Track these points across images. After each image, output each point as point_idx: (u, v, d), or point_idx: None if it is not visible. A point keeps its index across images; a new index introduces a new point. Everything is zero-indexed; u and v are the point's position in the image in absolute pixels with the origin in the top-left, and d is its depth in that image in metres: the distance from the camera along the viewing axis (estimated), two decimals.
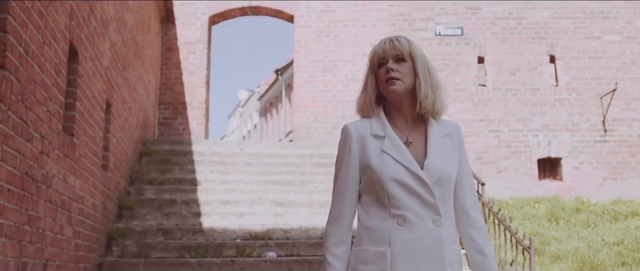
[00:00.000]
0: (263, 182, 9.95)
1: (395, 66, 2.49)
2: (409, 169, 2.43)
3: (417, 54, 2.52)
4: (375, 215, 2.45)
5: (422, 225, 2.41)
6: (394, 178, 2.42)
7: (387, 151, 2.45)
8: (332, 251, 2.49)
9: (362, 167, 2.49)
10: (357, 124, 2.55)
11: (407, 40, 2.54)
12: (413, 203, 2.41)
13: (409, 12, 13.45)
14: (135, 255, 7.55)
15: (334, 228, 2.52)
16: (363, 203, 2.51)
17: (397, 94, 2.49)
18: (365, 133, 2.50)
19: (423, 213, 2.42)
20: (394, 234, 2.41)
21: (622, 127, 13.08)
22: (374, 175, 2.44)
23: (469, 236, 2.55)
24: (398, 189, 2.42)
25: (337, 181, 2.55)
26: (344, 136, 2.55)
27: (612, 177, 12.88)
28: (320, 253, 7.74)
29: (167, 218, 8.58)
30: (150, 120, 12.00)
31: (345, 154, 2.53)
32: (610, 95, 13.01)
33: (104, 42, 7.34)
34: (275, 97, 35.76)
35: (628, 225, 9.55)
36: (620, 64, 13.27)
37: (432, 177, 2.43)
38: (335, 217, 2.53)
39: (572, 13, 13.40)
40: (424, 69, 2.51)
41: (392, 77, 2.48)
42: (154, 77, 12.47)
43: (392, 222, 2.42)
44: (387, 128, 2.50)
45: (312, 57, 13.37)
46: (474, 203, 2.58)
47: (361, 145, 2.49)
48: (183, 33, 13.37)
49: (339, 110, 13.16)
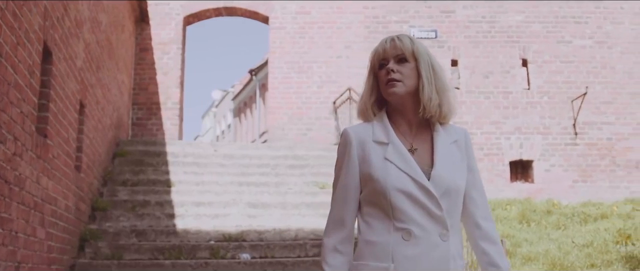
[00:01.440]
0: (237, 183, 9.94)
1: (396, 67, 2.31)
2: (414, 179, 2.24)
3: (420, 53, 2.33)
4: (378, 228, 2.26)
5: (428, 240, 2.22)
6: (399, 189, 2.22)
7: (391, 159, 2.26)
8: (329, 262, 2.30)
9: (363, 176, 2.30)
10: (358, 128, 2.36)
11: (410, 39, 2.36)
12: (419, 216, 2.22)
13: (383, 14, 13.52)
14: (108, 256, 7.50)
15: (332, 238, 2.33)
16: (364, 214, 2.31)
17: (398, 97, 2.31)
18: (367, 139, 2.31)
19: (429, 227, 2.23)
20: (398, 249, 2.22)
21: (592, 130, 13.28)
22: (377, 185, 2.25)
23: (481, 249, 2.35)
24: (403, 201, 2.23)
25: (336, 190, 2.37)
26: (343, 141, 2.36)
27: (582, 180, 13.07)
28: (295, 255, 7.77)
29: (140, 220, 8.54)
30: (123, 121, 11.93)
31: (344, 161, 2.34)
32: (580, 99, 13.21)
33: (78, 42, 7.29)
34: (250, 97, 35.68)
35: (597, 227, 9.70)
36: (591, 68, 13.48)
37: (440, 188, 2.25)
38: (334, 227, 2.34)
39: (544, 17, 13.58)
40: (428, 70, 2.32)
41: (392, 78, 2.30)
42: (128, 77, 12.39)
43: (396, 236, 2.22)
44: (390, 134, 2.31)
45: (287, 59, 13.39)
46: (485, 214, 2.39)
47: (362, 152, 2.31)
48: (157, 33, 13.31)
49: (313, 112, 13.19)
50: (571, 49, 13.53)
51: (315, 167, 10.77)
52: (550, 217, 10.41)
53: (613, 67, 13.53)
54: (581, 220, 10.28)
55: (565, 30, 13.59)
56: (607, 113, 13.35)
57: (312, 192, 9.81)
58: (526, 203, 11.45)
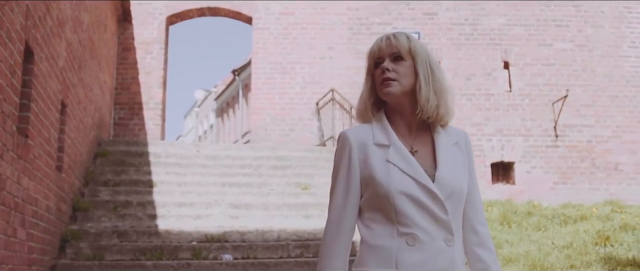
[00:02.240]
0: (220, 183, 9.92)
1: (392, 65, 2.22)
2: (419, 182, 2.15)
3: (417, 52, 2.23)
4: (380, 232, 2.17)
5: (434, 245, 2.14)
6: (403, 192, 2.14)
7: (393, 161, 2.17)
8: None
9: (364, 180, 2.20)
10: (357, 131, 2.27)
11: (407, 37, 2.26)
12: (423, 221, 2.14)
13: (366, 16, 13.57)
14: (90, 257, 7.47)
15: (332, 248, 2.22)
16: (365, 219, 2.22)
17: (393, 97, 2.22)
18: (367, 141, 2.22)
19: (434, 232, 2.15)
20: (402, 255, 2.13)
21: (572, 132, 13.41)
22: (380, 189, 2.15)
23: (477, 256, 2.28)
24: (407, 204, 2.14)
25: (335, 195, 2.25)
26: (342, 144, 2.25)
27: (563, 181, 13.19)
28: (277, 256, 7.78)
29: (122, 220, 8.50)
30: (105, 121, 11.87)
31: (344, 165, 2.23)
32: (561, 102, 13.33)
33: (60, 42, 7.25)
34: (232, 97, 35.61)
35: (577, 228, 9.79)
36: (572, 71, 13.61)
37: (445, 191, 2.17)
38: (334, 235, 2.22)
39: (526, 21, 13.69)
40: (425, 69, 2.22)
41: (387, 77, 2.21)
42: (110, 76, 12.33)
43: (400, 241, 2.13)
44: (391, 135, 2.22)
45: (270, 59, 13.39)
46: (482, 219, 2.32)
47: (363, 155, 2.21)
48: (140, 33, 13.25)
49: (296, 113, 13.20)
50: (552, 52, 13.65)
51: (298, 168, 10.78)
52: (531, 218, 10.49)
53: (593, 70, 13.67)
54: (561, 222, 10.37)
55: (546, 33, 13.71)
56: (587, 115, 13.49)
57: (294, 192, 9.81)
58: (507, 205, 11.52)
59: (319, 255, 2.25)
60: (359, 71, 13.31)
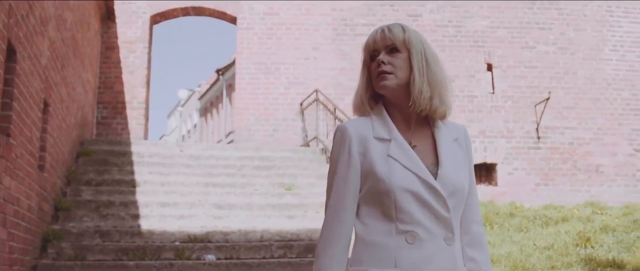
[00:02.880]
0: (203, 184, 9.91)
1: (387, 58, 2.15)
2: (421, 178, 2.07)
3: (412, 43, 2.16)
4: (379, 230, 2.08)
5: (434, 244, 2.06)
6: (405, 188, 2.05)
7: (395, 156, 2.09)
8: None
9: (363, 174, 2.11)
10: (357, 123, 2.17)
11: (403, 28, 2.18)
12: (424, 218, 2.06)
13: (351, 17, 13.59)
14: (72, 257, 7.43)
15: (331, 247, 2.11)
16: (362, 215, 2.13)
17: (389, 90, 2.14)
18: (367, 135, 2.13)
19: (435, 230, 2.07)
20: (401, 253, 2.04)
21: (554, 134, 13.51)
22: (381, 185, 2.06)
23: (468, 256, 2.20)
24: (409, 201, 2.06)
25: (334, 190, 2.14)
26: (342, 137, 2.15)
27: (544, 183, 13.29)
28: (260, 256, 7.78)
29: (104, 220, 8.46)
30: (88, 120, 11.80)
31: (343, 159, 2.13)
32: (543, 104, 13.43)
33: (43, 40, 7.21)
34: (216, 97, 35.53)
35: (558, 229, 9.87)
36: (554, 73, 13.72)
37: (447, 188, 2.09)
38: (332, 234, 2.12)
39: (509, 23, 13.79)
40: (420, 60, 2.14)
41: (382, 70, 2.13)
42: (93, 75, 12.27)
43: (399, 239, 2.05)
44: (392, 129, 2.13)
45: (255, 59, 13.38)
46: (478, 218, 2.26)
47: (363, 149, 2.12)
48: (123, 32, 13.19)
49: (281, 113, 13.21)
50: (535, 54, 13.76)
51: (281, 169, 10.78)
52: (513, 220, 10.56)
53: (575, 73, 13.79)
54: (543, 223, 10.45)
55: (529, 36, 13.81)
56: (569, 118, 13.60)
57: (278, 193, 9.82)
58: (490, 206, 11.60)
59: (315, 254, 2.15)
60: (343, 72, 13.34)
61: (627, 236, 9.10)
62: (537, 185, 13.26)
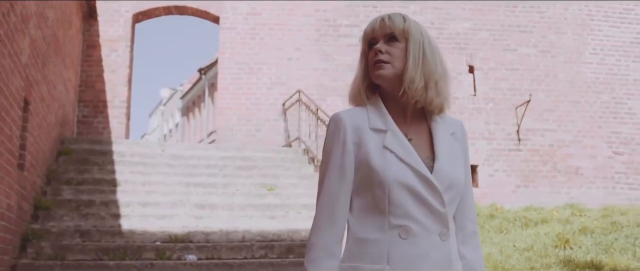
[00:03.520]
0: (184, 183, 9.88)
1: (385, 47, 2.09)
2: (417, 171, 2.01)
3: (412, 33, 2.10)
4: (371, 224, 2.02)
5: (428, 239, 2.00)
6: (400, 181, 1.99)
7: (390, 148, 2.02)
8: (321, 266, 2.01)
9: (357, 165, 2.04)
10: (352, 113, 2.10)
11: (404, 17, 2.13)
12: (419, 213, 2.00)
13: (334, 17, 13.62)
14: (51, 257, 7.37)
15: (323, 237, 2.03)
16: (354, 208, 2.07)
17: (385, 80, 2.08)
18: (363, 125, 2.06)
19: (429, 225, 2.00)
20: (394, 249, 1.98)
21: (535, 136, 13.62)
22: (375, 176, 2.00)
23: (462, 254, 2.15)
24: (403, 194, 1.99)
25: (326, 181, 2.07)
26: (336, 126, 2.08)
27: (525, 185, 13.40)
28: (241, 257, 7.77)
29: (85, 220, 8.41)
30: (69, 118, 11.73)
31: (338, 149, 2.06)
32: (524, 106, 13.53)
33: (23, 38, 7.16)
34: (198, 96, 35.44)
35: (538, 231, 9.95)
36: (535, 76, 13.83)
37: (443, 182, 2.03)
38: (325, 224, 2.04)
39: (491, 25, 13.88)
40: (417, 50, 2.08)
41: (379, 59, 2.07)
42: (74, 74, 12.19)
43: (392, 234, 1.99)
44: (388, 120, 2.07)
45: (237, 59, 13.37)
46: (472, 216, 2.21)
47: (358, 139, 2.05)
48: (105, 30, 13.12)
49: (263, 113, 13.20)
50: (516, 57, 13.86)
51: (263, 169, 10.78)
52: (493, 221, 10.63)
53: (556, 76, 13.91)
54: (522, 224, 10.53)
55: (511, 39, 13.92)
56: (549, 120, 13.72)
57: (259, 193, 9.81)
58: None
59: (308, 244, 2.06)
60: (325, 73, 13.36)
61: (605, 238, 9.19)
62: (517, 186, 13.36)
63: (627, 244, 8.82)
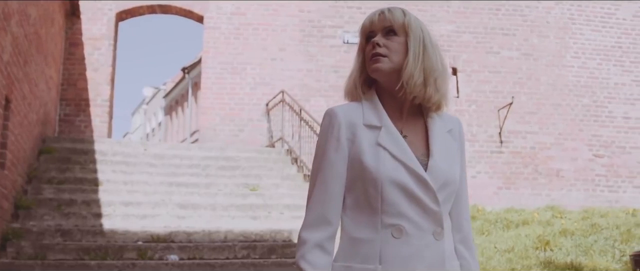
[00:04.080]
0: (167, 183, 9.85)
1: (383, 40, 2.04)
2: (410, 169, 1.96)
3: (411, 27, 2.06)
4: (364, 223, 1.98)
5: (421, 238, 1.96)
6: (392, 179, 1.95)
7: (384, 145, 1.98)
8: (311, 260, 1.95)
9: (350, 163, 2.00)
10: (347, 109, 2.06)
11: (403, 11, 2.08)
12: (412, 211, 1.95)
13: (318, 18, 13.63)
14: (32, 256, 7.32)
15: (314, 233, 1.98)
16: (347, 206, 2.02)
17: (382, 74, 2.03)
18: (357, 121, 2.02)
19: (423, 224, 1.96)
20: (386, 248, 1.94)
21: (516, 138, 13.72)
22: (367, 174, 1.96)
23: (459, 253, 2.11)
24: (396, 193, 1.95)
25: (319, 176, 2.02)
26: (330, 122, 2.04)
27: (506, 187, 13.49)
28: (223, 257, 7.76)
29: (66, 219, 8.37)
30: (50, 117, 11.65)
31: (331, 144, 2.02)
32: (506, 108, 13.62)
33: (5, 36, 7.10)
34: (181, 95, 35.30)
35: (518, 233, 10.02)
36: (517, 78, 13.93)
37: (437, 181, 1.99)
38: (316, 220, 2.00)
39: (474, 28, 13.96)
40: (417, 45, 2.04)
41: (376, 52, 2.03)
42: (56, 72, 12.11)
43: (385, 233, 1.95)
44: (382, 116, 2.03)
45: (221, 59, 13.34)
46: (468, 215, 2.17)
47: (352, 135, 2.01)
48: (88, 28, 13.03)
49: (246, 113, 13.18)
50: (499, 60, 13.95)
51: (246, 169, 10.77)
52: (475, 223, 10.70)
53: (538, 79, 14.02)
54: (504, 226, 10.60)
55: (493, 41, 14.00)
56: (531, 123, 13.82)
57: (242, 193, 9.80)
58: None
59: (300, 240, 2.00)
60: (309, 73, 13.37)
61: (585, 240, 9.28)
62: (499, 188, 13.44)
63: (607, 246, 8.91)
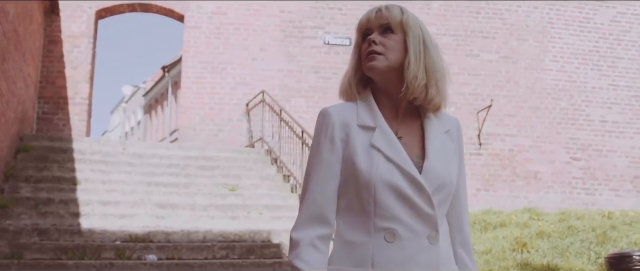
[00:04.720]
0: (145, 183, 9.80)
1: (379, 38, 1.98)
2: (404, 171, 1.91)
3: (410, 25, 2.00)
4: (356, 226, 1.93)
5: (415, 242, 1.90)
6: (386, 182, 1.89)
7: (378, 146, 1.93)
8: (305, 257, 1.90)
9: (343, 163, 1.96)
10: (341, 109, 2.01)
11: (400, 9, 2.02)
12: (405, 215, 1.90)
13: (299, 19, 13.64)
14: (8, 256, 7.26)
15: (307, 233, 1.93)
16: (340, 209, 1.97)
17: (378, 72, 1.97)
18: (350, 122, 1.97)
19: (417, 228, 1.91)
20: (379, 252, 1.90)
21: (495, 141, 13.83)
22: (360, 177, 1.91)
23: (459, 256, 2.08)
24: (389, 196, 1.90)
25: (313, 178, 1.97)
26: (324, 122, 1.99)
27: (485, 188, 13.59)
28: (202, 257, 7.75)
29: (43, 218, 8.30)
30: (28, 115, 11.54)
31: (325, 145, 1.97)
32: (485, 111, 13.72)
33: None
34: (161, 94, 35.11)
35: (496, 234, 10.11)
36: (496, 81, 14.04)
37: (432, 183, 1.93)
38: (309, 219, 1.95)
39: (455, 31, 14.04)
40: (417, 44, 1.99)
41: (372, 50, 1.97)
42: (35, 69, 12.00)
43: (378, 237, 1.90)
44: (377, 116, 1.97)
45: (201, 59, 13.30)
46: (467, 218, 2.12)
47: (345, 136, 1.96)
48: (67, 26, 12.93)
49: (226, 113, 13.16)
50: (479, 63, 14.05)
51: (225, 169, 10.75)
52: None
53: (517, 82, 14.14)
54: (482, 228, 10.69)
55: (473, 44, 14.10)
56: (509, 125, 13.94)
57: (221, 193, 9.79)
58: None
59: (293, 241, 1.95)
60: (290, 74, 13.37)
61: (561, 242, 9.38)
62: (477, 190, 13.54)
63: (583, 248, 9.01)
